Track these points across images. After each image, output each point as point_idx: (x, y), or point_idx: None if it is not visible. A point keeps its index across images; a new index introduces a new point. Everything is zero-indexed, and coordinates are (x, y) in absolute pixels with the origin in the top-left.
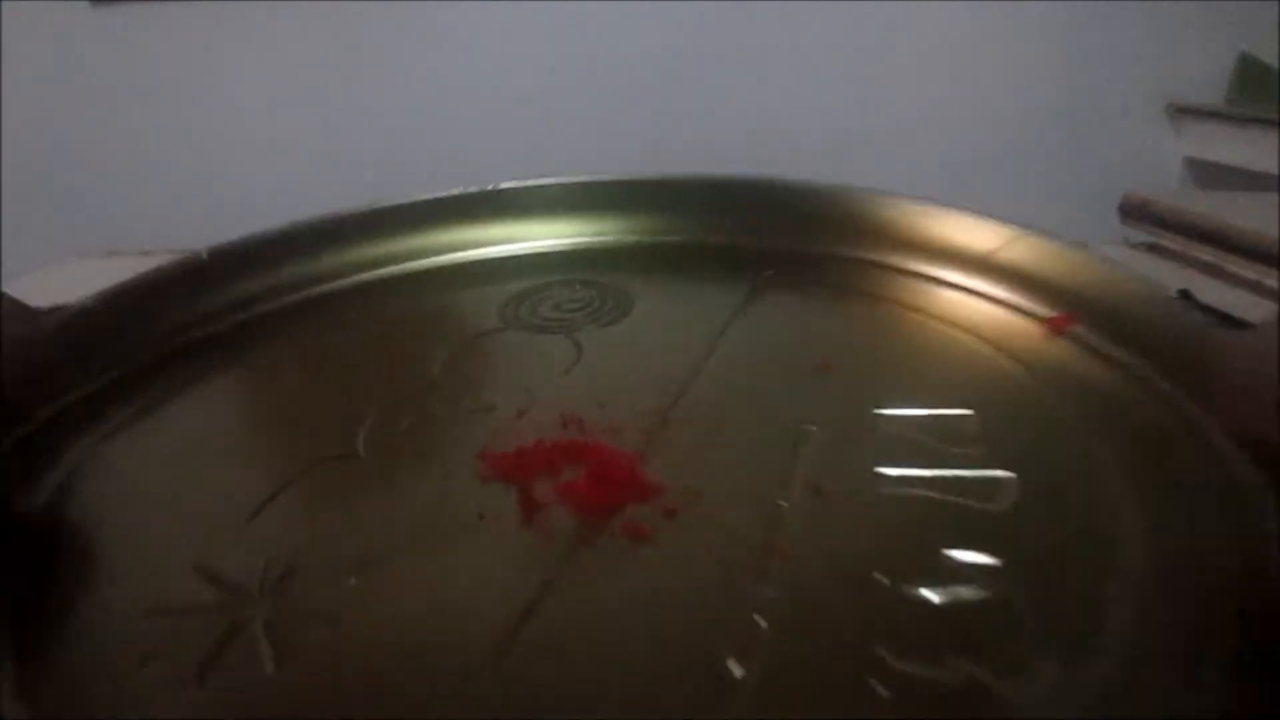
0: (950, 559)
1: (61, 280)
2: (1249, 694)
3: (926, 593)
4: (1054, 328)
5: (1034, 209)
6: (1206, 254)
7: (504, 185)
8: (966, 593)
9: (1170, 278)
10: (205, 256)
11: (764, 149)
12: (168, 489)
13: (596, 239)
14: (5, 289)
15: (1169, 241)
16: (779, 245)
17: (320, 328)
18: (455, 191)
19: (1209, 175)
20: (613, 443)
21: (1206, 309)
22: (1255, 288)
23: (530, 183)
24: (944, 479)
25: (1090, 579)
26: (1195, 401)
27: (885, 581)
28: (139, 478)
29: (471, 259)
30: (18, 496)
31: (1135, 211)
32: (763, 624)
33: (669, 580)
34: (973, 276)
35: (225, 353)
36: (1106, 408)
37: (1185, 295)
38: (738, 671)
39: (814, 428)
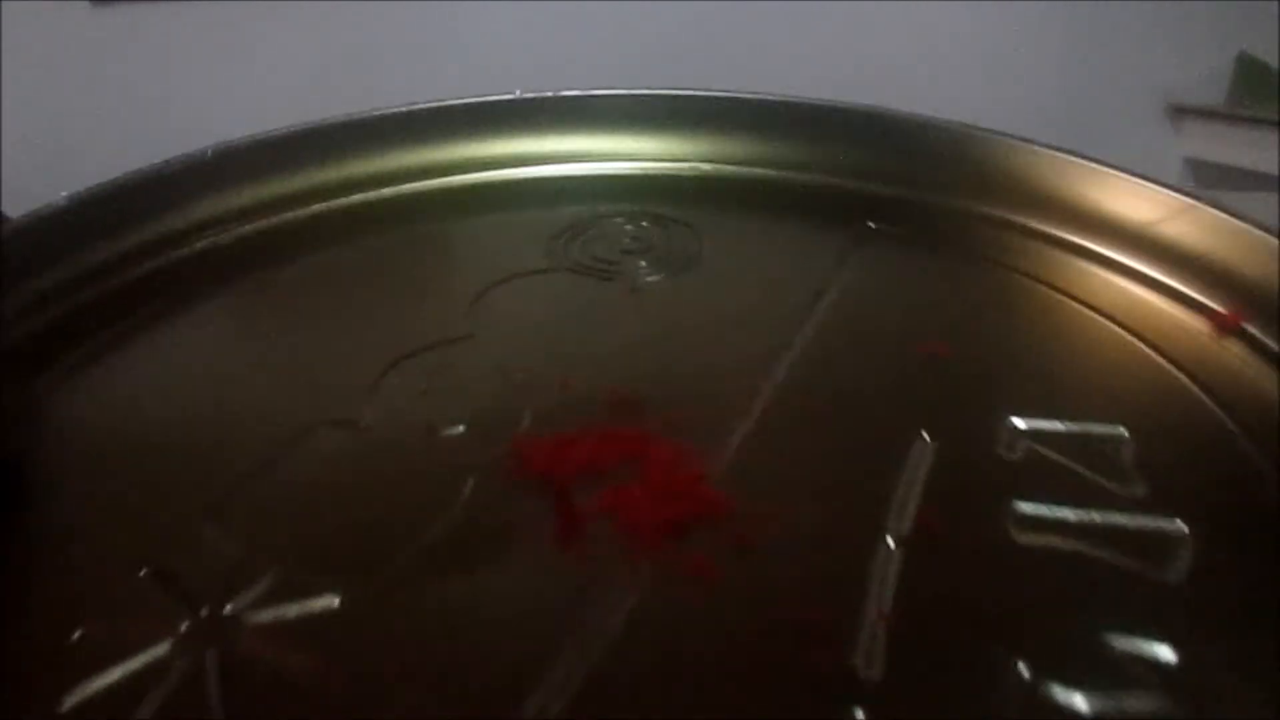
0: (1112, 649)
1: None
2: None
3: (1078, 699)
4: (1223, 325)
5: None
6: None
7: (566, 92)
8: (1133, 703)
9: None
10: (209, 155)
11: None
12: (130, 449)
13: (668, 164)
14: None
15: None
16: (886, 191)
17: (334, 251)
18: (508, 96)
19: (1209, 175)
20: (675, 438)
21: None
22: None
23: (595, 91)
24: (1099, 526)
25: None
26: None
27: (1024, 674)
28: (97, 430)
29: (520, 177)
30: None
31: None
32: (861, 718)
33: (738, 646)
34: (1126, 252)
35: (218, 275)
36: None
37: None
38: None
39: (928, 436)
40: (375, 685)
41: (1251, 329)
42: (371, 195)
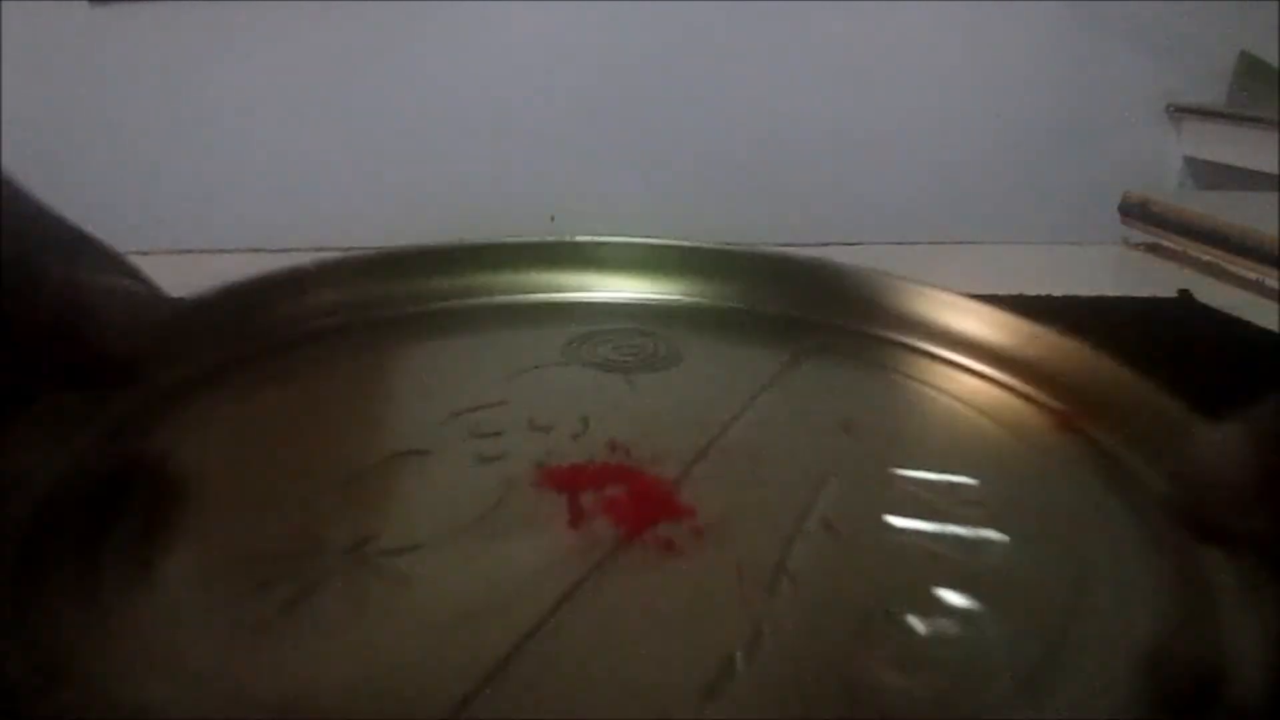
0: (938, 599)
1: None
2: None
3: (914, 621)
4: (1063, 422)
5: (1035, 208)
6: (1206, 254)
7: (580, 238)
8: (948, 625)
9: (1170, 278)
10: (312, 268)
11: (765, 150)
12: (271, 450)
13: (656, 296)
14: None
15: (1169, 241)
16: (822, 320)
17: (398, 343)
18: (534, 239)
19: (1209, 175)
20: (654, 470)
21: (1206, 309)
22: (1255, 287)
23: (604, 239)
24: (943, 534)
25: (1058, 623)
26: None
27: (879, 609)
28: (227, 458)
29: (546, 300)
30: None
31: (1135, 211)
32: (767, 631)
33: (690, 587)
34: (990, 365)
35: (320, 353)
36: (1105, 492)
37: (1185, 294)
38: (740, 665)
39: (834, 477)
40: (433, 615)
41: (1084, 424)
42: (436, 306)
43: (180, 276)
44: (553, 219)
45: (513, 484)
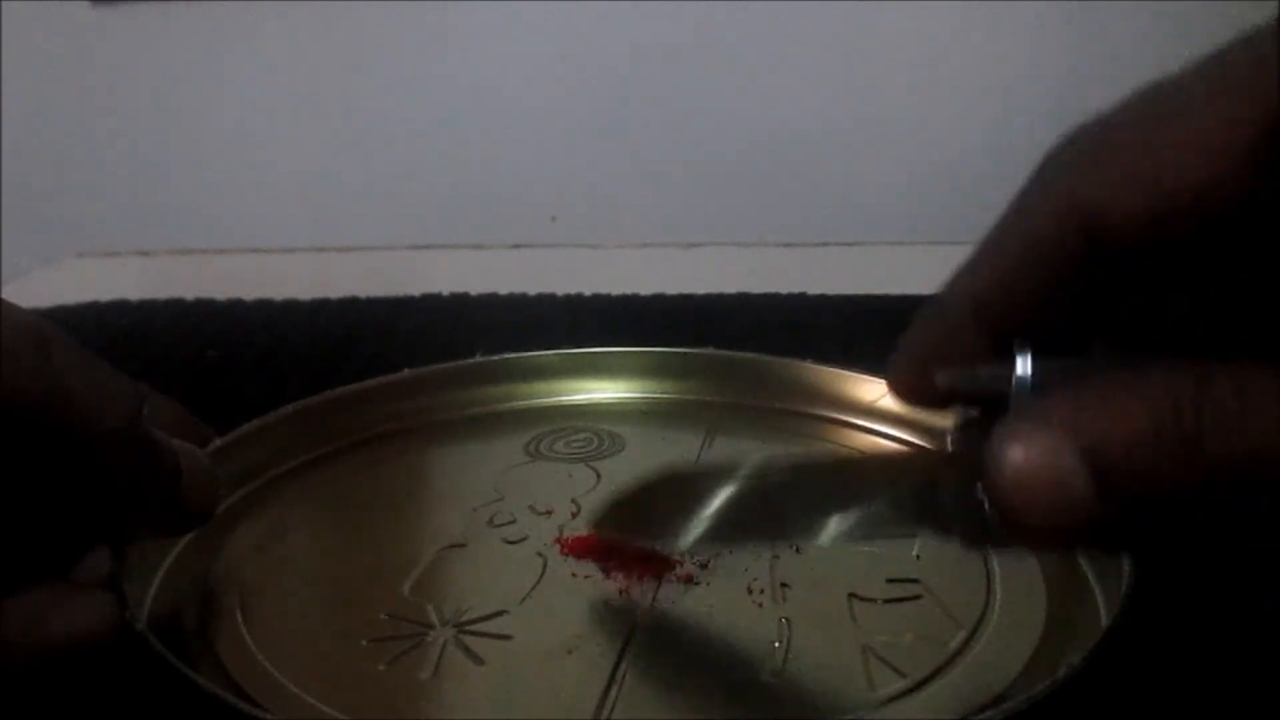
0: (889, 583)
1: (61, 280)
2: None
3: (879, 599)
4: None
5: None
6: None
7: (526, 354)
8: (903, 594)
9: None
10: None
11: (765, 150)
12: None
13: (607, 396)
14: (5, 289)
15: None
16: (728, 400)
17: (402, 454)
18: (480, 358)
19: None
20: (634, 536)
21: None
22: None
23: (561, 351)
24: (872, 536)
25: (967, 590)
26: None
27: (857, 594)
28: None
29: (498, 410)
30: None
31: None
32: (793, 623)
33: (722, 604)
34: (862, 417)
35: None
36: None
37: None
38: (784, 648)
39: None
40: (552, 647)
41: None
42: (421, 421)
43: (180, 276)
44: (554, 219)
45: (546, 557)
